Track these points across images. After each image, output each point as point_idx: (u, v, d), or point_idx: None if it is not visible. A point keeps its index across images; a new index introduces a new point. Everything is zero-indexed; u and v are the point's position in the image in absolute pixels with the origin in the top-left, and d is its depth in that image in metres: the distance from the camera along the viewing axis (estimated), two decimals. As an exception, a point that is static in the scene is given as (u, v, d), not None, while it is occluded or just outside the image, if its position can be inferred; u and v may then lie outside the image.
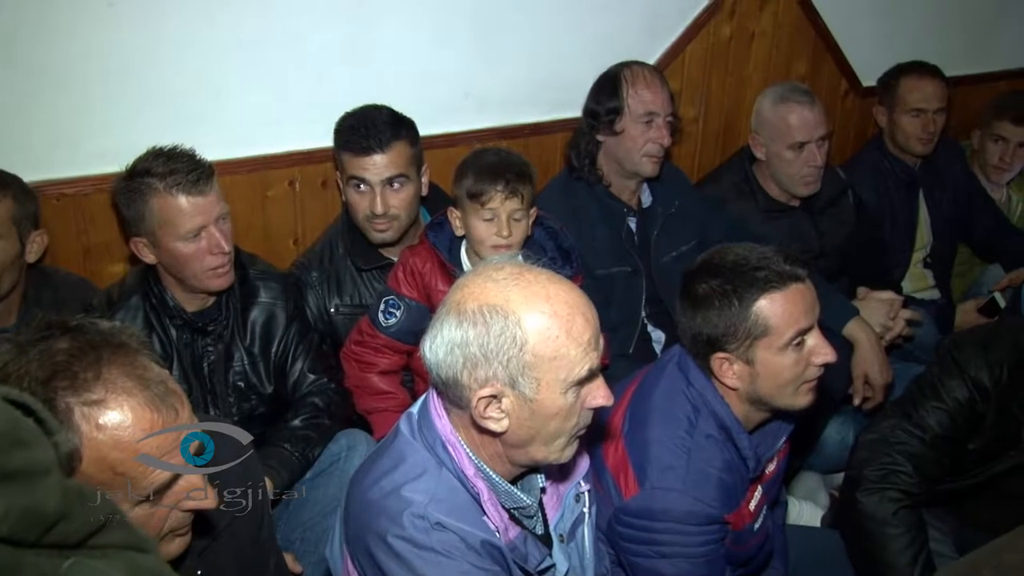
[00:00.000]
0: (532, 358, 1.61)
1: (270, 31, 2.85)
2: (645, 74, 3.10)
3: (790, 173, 3.42)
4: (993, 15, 4.52)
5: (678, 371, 2.21)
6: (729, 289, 2.04)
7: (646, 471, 2.09)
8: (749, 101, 3.71)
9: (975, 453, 2.50)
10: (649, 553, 2.10)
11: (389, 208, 2.79)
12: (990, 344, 2.46)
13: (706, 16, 3.63)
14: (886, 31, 4.15)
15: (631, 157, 3.09)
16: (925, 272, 4.04)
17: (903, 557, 2.36)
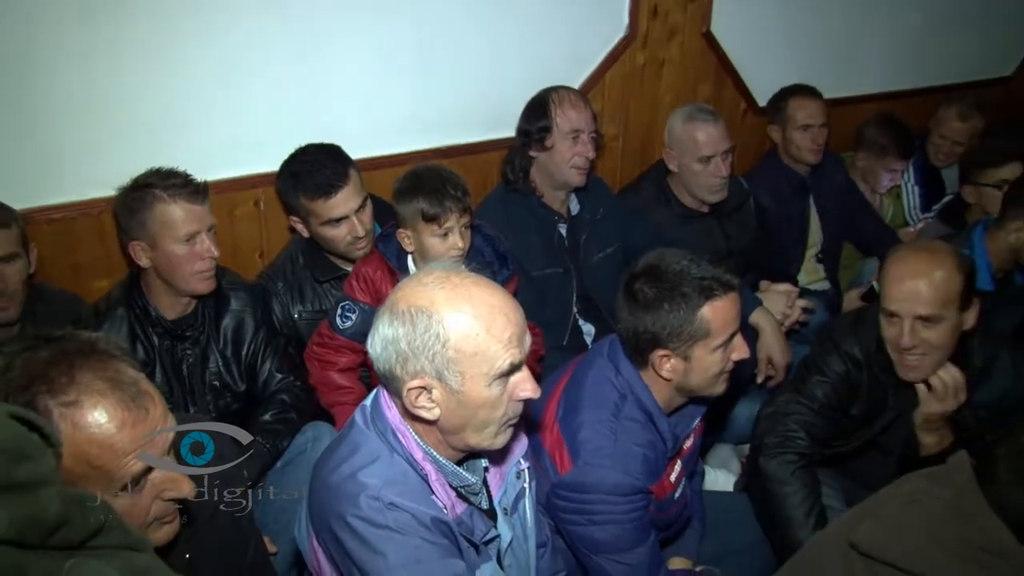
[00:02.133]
0: (455, 354, 1.61)
1: (231, 65, 2.80)
2: (570, 96, 3.11)
3: (700, 183, 3.43)
4: (861, 47, 4.60)
5: (608, 361, 2.22)
6: (677, 295, 2.05)
7: (578, 450, 2.11)
8: (662, 120, 3.71)
9: (857, 417, 2.59)
10: (583, 522, 2.12)
11: (366, 229, 2.77)
12: (859, 323, 2.54)
13: (622, 46, 3.63)
14: (775, 59, 4.18)
15: (560, 169, 3.08)
16: (817, 266, 4.08)
17: (800, 511, 2.42)
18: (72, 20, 2.53)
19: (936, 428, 2.47)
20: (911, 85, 4.92)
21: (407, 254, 2.67)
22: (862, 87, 4.71)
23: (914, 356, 2.38)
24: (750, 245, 3.66)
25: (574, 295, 3.16)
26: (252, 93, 2.87)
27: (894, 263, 2.39)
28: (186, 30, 2.69)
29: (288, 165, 2.80)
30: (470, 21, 3.22)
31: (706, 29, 3.87)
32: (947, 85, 5.04)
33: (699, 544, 2.54)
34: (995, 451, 1.60)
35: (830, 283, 4.08)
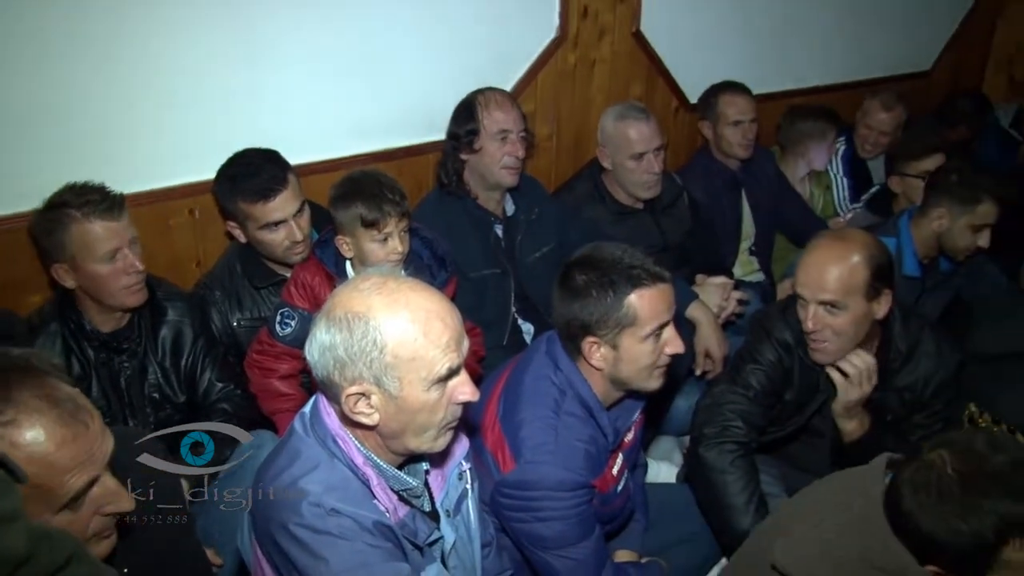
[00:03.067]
0: (392, 359, 1.60)
1: (164, 74, 2.74)
2: (496, 97, 3.11)
3: (633, 180, 3.45)
4: (789, 44, 4.68)
5: (546, 358, 2.22)
6: (606, 282, 2.06)
7: (520, 448, 2.11)
8: (594, 119, 3.73)
9: (791, 403, 2.63)
10: (528, 519, 2.12)
11: (304, 234, 2.74)
12: (787, 310, 2.57)
13: (553, 47, 3.64)
14: (705, 56, 4.23)
15: (491, 171, 3.08)
16: (751, 259, 4.14)
17: (740, 498, 2.44)
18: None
19: (855, 414, 2.53)
20: (837, 80, 5.02)
21: (345, 259, 2.65)
22: (790, 82, 4.79)
23: (819, 339, 2.44)
24: (685, 240, 3.69)
25: (512, 295, 3.16)
26: (185, 101, 2.81)
27: (808, 250, 2.46)
28: (117, 38, 2.63)
29: (226, 169, 2.75)
30: (404, 25, 3.20)
31: (636, 29, 3.90)
32: (871, 79, 5.18)
33: (643, 536, 2.56)
34: (902, 473, 1.62)
35: (764, 274, 4.14)
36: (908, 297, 3.28)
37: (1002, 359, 2.83)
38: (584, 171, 3.65)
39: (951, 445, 1.57)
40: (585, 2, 3.67)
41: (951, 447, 1.57)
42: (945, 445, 1.58)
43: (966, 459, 1.53)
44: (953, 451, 1.55)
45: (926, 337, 2.59)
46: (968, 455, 1.54)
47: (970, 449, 1.54)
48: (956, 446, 1.57)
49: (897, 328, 2.56)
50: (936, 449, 1.58)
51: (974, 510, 1.49)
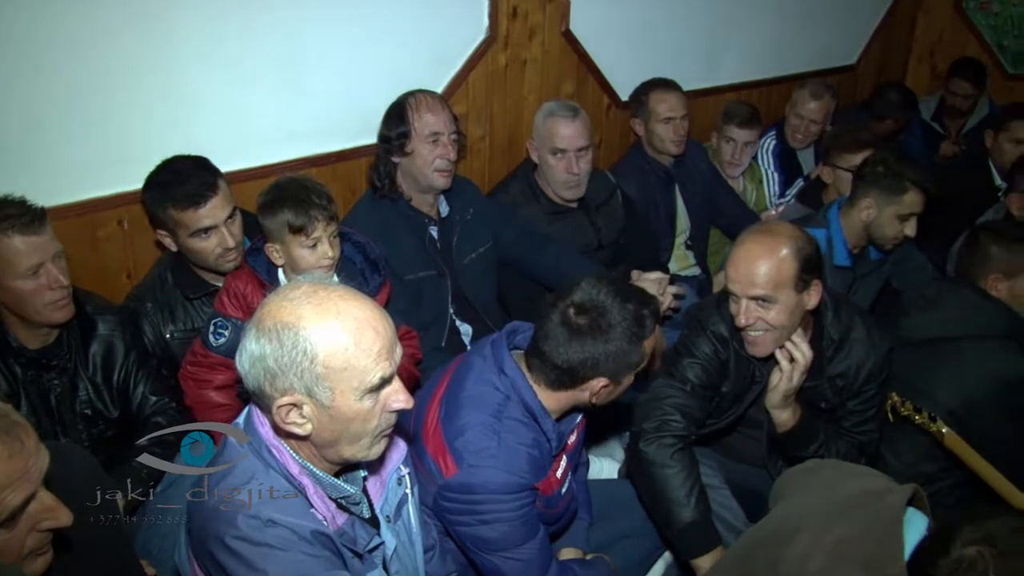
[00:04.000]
0: (324, 370, 1.58)
1: (89, 82, 2.68)
2: (427, 99, 3.10)
3: (554, 177, 3.48)
4: (718, 41, 4.75)
5: (490, 362, 2.21)
6: (629, 330, 2.09)
7: (463, 452, 2.10)
8: (527, 119, 3.76)
9: (728, 395, 2.65)
10: (473, 522, 2.11)
11: (235, 240, 2.70)
12: (722, 303, 2.59)
13: (484, 48, 3.64)
14: (635, 54, 4.26)
15: (423, 173, 3.07)
16: (687, 253, 4.18)
17: (681, 492, 2.46)
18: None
19: (788, 404, 2.56)
20: (767, 75, 5.10)
21: (277, 267, 2.62)
22: (721, 78, 4.85)
23: (754, 333, 2.47)
24: (620, 237, 3.71)
25: (449, 296, 3.15)
26: (109, 110, 2.75)
27: (736, 246, 2.48)
28: (35, 45, 2.56)
29: (154, 176, 2.69)
30: (332, 29, 3.17)
31: (565, 28, 3.91)
32: (800, 73, 5.27)
33: (588, 533, 2.57)
34: (938, 567, 1.48)
35: (700, 268, 4.19)
36: (840, 287, 3.33)
37: (931, 343, 2.88)
38: (518, 171, 3.67)
39: (992, 541, 1.43)
40: (514, 2, 3.67)
41: (992, 544, 1.43)
42: (987, 541, 1.44)
43: (1007, 561, 1.41)
44: (996, 551, 1.42)
45: (857, 325, 2.63)
46: (1011, 559, 1.41)
47: (1013, 552, 1.42)
48: (999, 542, 1.43)
49: (829, 317, 2.60)
50: (977, 545, 1.44)
51: None
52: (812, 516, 1.78)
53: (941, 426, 2.59)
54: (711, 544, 2.45)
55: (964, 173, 4.54)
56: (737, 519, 2.67)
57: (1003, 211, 3.74)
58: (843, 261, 3.34)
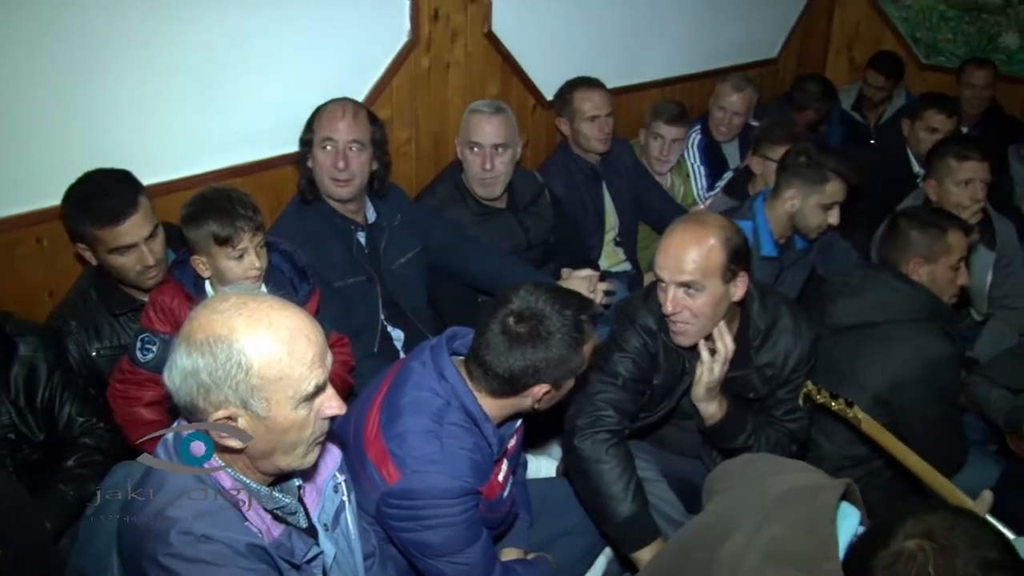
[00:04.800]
0: (259, 381, 1.57)
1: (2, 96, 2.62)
2: (331, 106, 3.06)
3: (471, 173, 3.51)
4: (641, 38, 4.79)
5: (430, 369, 2.21)
6: (569, 336, 2.11)
7: (405, 459, 2.10)
8: (452, 122, 3.76)
9: (659, 387, 2.67)
10: (416, 528, 2.11)
11: (156, 258, 2.65)
12: (649, 296, 2.63)
13: (406, 51, 3.63)
14: (559, 53, 4.28)
15: (321, 181, 3.04)
16: (616, 249, 4.22)
17: (618, 486, 2.48)
18: None
19: (713, 397, 2.60)
20: (690, 70, 5.16)
21: (204, 279, 2.58)
22: (645, 75, 4.90)
23: (679, 321, 2.50)
24: (549, 236, 3.73)
25: (380, 302, 3.13)
26: (26, 124, 2.69)
27: (666, 234, 2.50)
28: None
29: (73, 191, 2.63)
30: (252, 37, 3.13)
31: (487, 29, 3.92)
32: (722, 68, 5.36)
33: (528, 532, 2.58)
34: (876, 559, 1.51)
35: (630, 264, 4.23)
36: (768, 277, 3.39)
37: (856, 329, 2.94)
38: (445, 173, 3.66)
39: (932, 536, 1.48)
40: (435, 5, 3.67)
41: (932, 538, 1.47)
42: (927, 536, 1.48)
43: (946, 556, 1.45)
44: (936, 546, 1.46)
45: (783, 314, 2.67)
46: (948, 552, 1.45)
47: (950, 545, 1.46)
48: (938, 537, 1.47)
49: (755, 308, 2.64)
50: (918, 538, 1.49)
51: None
52: (745, 515, 1.80)
53: (858, 412, 2.64)
54: (650, 537, 2.48)
55: (883, 161, 4.65)
56: (675, 510, 2.70)
57: (922, 197, 3.83)
58: (770, 251, 3.40)
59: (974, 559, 1.44)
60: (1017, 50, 5.93)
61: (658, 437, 2.89)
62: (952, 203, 3.57)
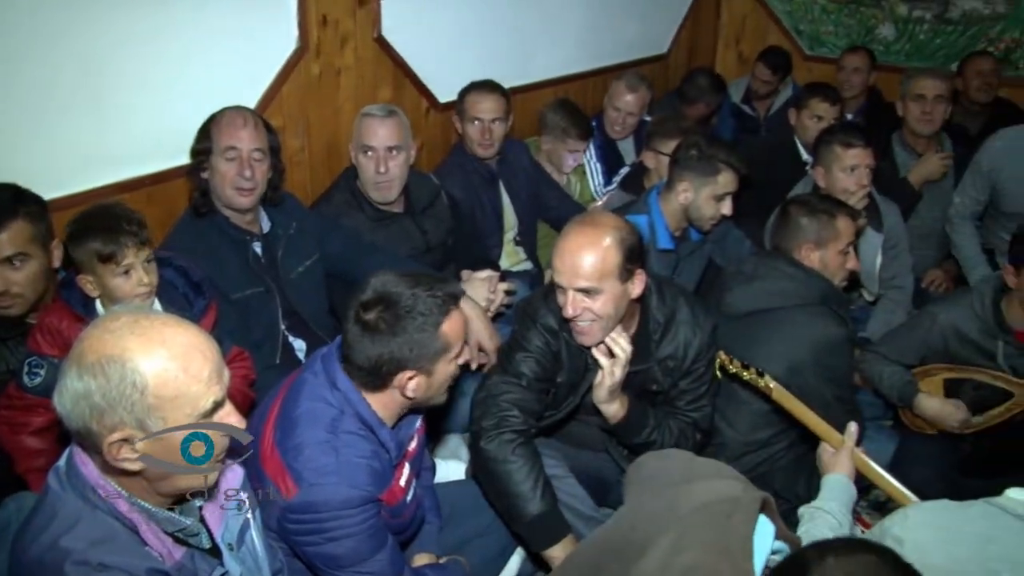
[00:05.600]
0: (155, 400, 1.53)
1: None
2: (230, 114, 3.00)
3: (366, 178, 3.46)
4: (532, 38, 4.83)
5: (321, 378, 2.18)
6: (418, 316, 2.08)
7: (302, 472, 2.07)
8: (345, 128, 3.71)
9: (564, 385, 2.69)
10: (320, 541, 2.08)
11: (11, 286, 2.52)
12: (550, 295, 2.63)
13: (296, 58, 3.57)
14: (451, 56, 4.29)
15: (223, 191, 2.98)
16: (517, 249, 4.23)
17: (526, 486, 2.49)
18: None
19: (615, 397, 2.62)
20: (584, 68, 5.21)
21: (94, 299, 2.51)
22: (537, 74, 4.92)
23: (581, 323, 2.51)
24: (448, 238, 3.71)
25: (279, 312, 3.09)
26: None
27: (561, 238, 2.51)
28: None
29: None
30: (135, 47, 3.04)
31: (377, 34, 3.89)
32: (615, 65, 5.43)
33: (439, 536, 2.57)
34: None
35: (531, 262, 4.24)
36: (665, 269, 3.45)
37: (752, 316, 3.01)
38: (340, 180, 3.61)
39: (848, 562, 1.45)
40: (323, 11, 3.62)
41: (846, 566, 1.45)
42: (844, 558, 1.46)
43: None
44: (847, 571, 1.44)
45: (681, 306, 2.72)
46: None
47: None
48: (852, 564, 1.45)
49: (654, 302, 2.68)
50: (827, 557, 1.46)
51: None
52: (659, 532, 1.79)
53: (769, 381, 2.69)
54: (561, 534, 2.49)
55: (773, 151, 4.75)
56: (584, 505, 2.72)
57: (811, 184, 3.93)
58: (666, 244, 3.46)
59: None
60: (894, 41, 6.17)
61: (564, 433, 2.90)
62: (840, 189, 3.67)
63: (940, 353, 3.25)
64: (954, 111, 4.67)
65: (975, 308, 3.15)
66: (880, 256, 3.95)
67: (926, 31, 6.06)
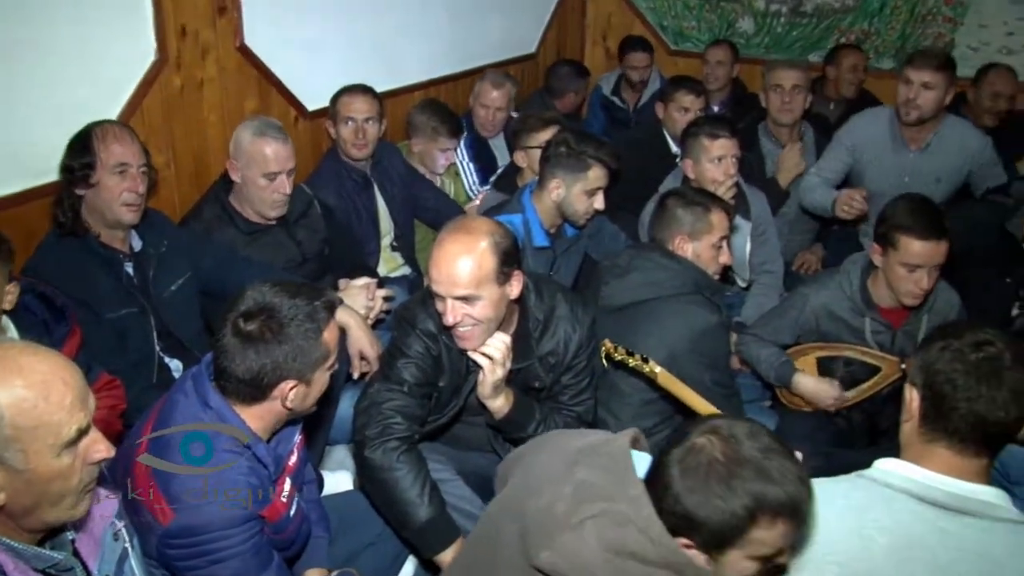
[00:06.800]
0: (13, 431, 1.46)
1: None
2: (115, 129, 2.91)
3: (263, 198, 3.37)
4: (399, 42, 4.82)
5: (193, 398, 2.12)
6: (301, 325, 2.05)
7: (178, 496, 2.01)
8: (212, 140, 3.64)
9: (446, 389, 2.68)
10: (203, 564, 2.03)
11: None
12: (427, 300, 2.62)
13: (155, 71, 3.47)
14: (318, 64, 4.25)
15: (111, 207, 2.87)
16: (394, 254, 4.21)
17: (413, 491, 2.48)
18: None
19: (500, 391, 2.62)
20: (452, 70, 5.21)
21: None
22: (408, 78, 4.93)
23: (462, 328, 2.51)
24: (323, 247, 3.65)
25: (154, 332, 3.00)
26: None
27: (436, 246, 2.49)
28: None
29: None
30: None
31: (240, 43, 3.81)
32: (483, 66, 5.45)
33: (330, 549, 2.53)
34: (670, 455, 1.66)
35: (410, 267, 4.23)
36: (543, 267, 3.48)
37: (629, 308, 3.06)
38: (209, 195, 3.51)
39: (717, 431, 1.64)
40: (182, 21, 3.53)
41: (717, 433, 1.64)
42: (712, 431, 1.65)
43: (730, 444, 1.61)
44: (720, 437, 1.63)
45: (560, 303, 2.74)
46: (731, 441, 1.61)
47: (733, 435, 1.63)
48: (721, 433, 1.64)
49: (532, 300, 2.70)
50: (705, 434, 1.64)
51: (733, 491, 1.57)
52: (550, 473, 1.85)
53: (654, 366, 2.74)
54: (451, 537, 2.50)
55: (642, 144, 4.84)
56: (473, 506, 2.72)
57: (681, 176, 4.01)
58: (542, 242, 3.49)
59: (754, 445, 1.61)
60: (754, 34, 6.39)
61: (450, 436, 2.90)
62: (708, 179, 3.76)
63: (813, 332, 3.36)
64: (815, 100, 4.84)
65: (844, 287, 3.28)
66: (749, 243, 4.06)
67: (783, 24, 6.30)
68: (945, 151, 4.16)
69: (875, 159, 4.27)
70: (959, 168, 4.20)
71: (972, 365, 1.72)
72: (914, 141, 4.18)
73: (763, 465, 1.59)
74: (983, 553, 1.62)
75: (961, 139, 4.19)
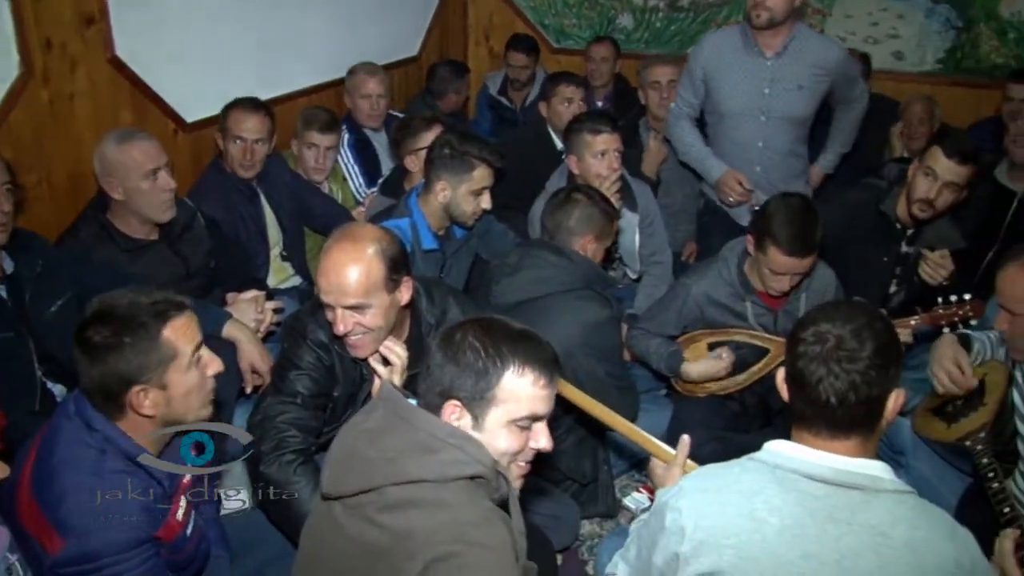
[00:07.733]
0: None
1: None
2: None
3: (151, 202, 3.26)
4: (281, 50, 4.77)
5: (75, 421, 2.06)
6: (137, 326, 2.00)
7: (67, 522, 1.95)
8: (87, 156, 3.48)
9: (342, 398, 2.68)
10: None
11: None
12: (317, 309, 2.61)
13: (20, 86, 3.34)
14: (197, 74, 4.17)
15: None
16: (284, 264, 4.14)
17: (310, 504, 2.42)
18: None
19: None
20: (336, 76, 5.16)
21: None
22: (290, 85, 4.87)
23: (354, 337, 2.51)
24: (209, 261, 3.57)
25: (34, 357, 2.89)
26: None
27: (323, 255, 2.49)
28: None
29: None
30: None
31: (111, 55, 3.71)
32: (368, 68, 5.38)
33: (229, 569, 2.48)
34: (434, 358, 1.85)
35: (301, 277, 4.17)
36: (433, 270, 3.48)
37: (521, 305, 3.08)
38: (86, 212, 3.38)
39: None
40: (47, 33, 3.41)
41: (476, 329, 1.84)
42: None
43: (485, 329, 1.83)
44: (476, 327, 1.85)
45: (451, 305, 2.76)
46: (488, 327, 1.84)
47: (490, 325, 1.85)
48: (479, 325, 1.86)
49: (424, 304, 2.70)
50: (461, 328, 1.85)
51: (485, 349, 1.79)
52: None
53: None
54: (351, 547, 2.47)
55: (528, 143, 4.87)
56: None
57: (566, 173, 4.05)
58: (430, 244, 3.48)
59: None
60: (633, 29, 6.49)
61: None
62: (593, 174, 3.82)
63: (698, 320, 3.44)
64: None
65: (722, 274, 3.36)
66: (638, 235, 4.13)
67: (661, 19, 6.42)
68: (803, 57, 4.03)
69: (729, 72, 4.13)
70: (820, 77, 4.07)
71: (819, 349, 1.78)
72: (769, 47, 4.03)
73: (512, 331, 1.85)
74: (869, 524, 1.68)
75: (819, 45, 4.11)
